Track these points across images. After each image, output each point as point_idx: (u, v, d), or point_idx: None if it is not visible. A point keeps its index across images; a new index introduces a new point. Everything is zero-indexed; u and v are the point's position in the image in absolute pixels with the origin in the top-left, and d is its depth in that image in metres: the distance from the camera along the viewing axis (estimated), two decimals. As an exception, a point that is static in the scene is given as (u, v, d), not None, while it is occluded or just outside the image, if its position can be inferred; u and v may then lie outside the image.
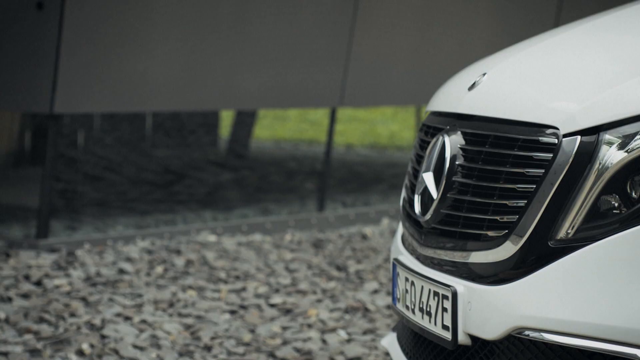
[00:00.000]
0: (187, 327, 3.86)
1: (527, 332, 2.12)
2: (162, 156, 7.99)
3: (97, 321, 3.79)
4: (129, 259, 4.78)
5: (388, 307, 4.18)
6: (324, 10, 5.86)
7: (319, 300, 4.29)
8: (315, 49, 5.85)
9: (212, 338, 3.75)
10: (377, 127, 11.27)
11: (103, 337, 3.67)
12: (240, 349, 3.65)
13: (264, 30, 5.63)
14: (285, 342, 3.74)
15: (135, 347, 3.59)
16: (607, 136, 2.08)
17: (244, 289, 4.42)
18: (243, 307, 4.17)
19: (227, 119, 8.81)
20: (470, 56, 5.45)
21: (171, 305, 4.12)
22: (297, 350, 3.66)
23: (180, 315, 4.00)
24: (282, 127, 10.85)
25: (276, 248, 5.25)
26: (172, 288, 4.32)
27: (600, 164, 2.07)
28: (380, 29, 6.09)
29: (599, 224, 2.06)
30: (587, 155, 2.09)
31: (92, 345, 3.57)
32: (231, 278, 4.59)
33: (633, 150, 2.04)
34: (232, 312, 4.09)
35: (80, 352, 3.52)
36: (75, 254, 4.81)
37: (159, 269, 4.63)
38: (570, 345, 2.06)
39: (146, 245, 5.08)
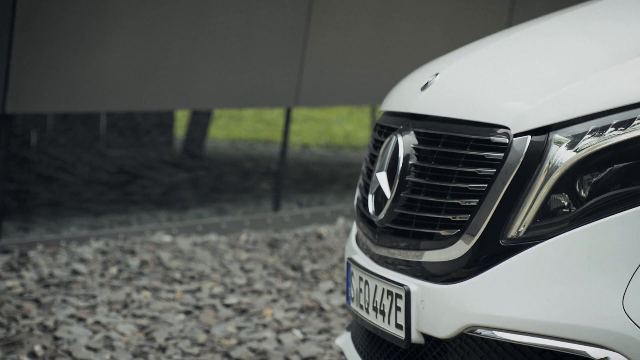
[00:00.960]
0: (142, 328, 3.83)
1: (479, 330, 2.13)
2: (117, 156, 7.94)
3: (50, 323, 3.76)
4: (82, 260, 4.74)
5: (343, 306, 4.19)
6: (279, 10, 5.85)
7: (274, 300, 4.29)
8: (270, 49, 5.85)
9: (167, 339, 3.73)
10: (332, 127, 11.29)
11: (56, 338, 3.64)
12: (195, 350, 3.64)
13: (219, 30, 5.61)
14: (240, 342, 3.73)
15: (89, 348, 3.57)
16: (556, 136, 2.10)
17: (199, 290, 4.40)
18: (198, 307, 4.16)
19: (182, 119, 8.78)
20: (425, 56, 5.48)
21: (125, 306, 4.09)
22: (252, 350, 3.66)
23: (134, 316, 3.98)
24: (237, 127, 10.83)
25: (231, 248, 5.24)
26: (126, 289, 4.29)
27: (550, 163, 2.09)
28: (335, 29, 6.11)
29: (549, 223, 2.08)
30: (537, 154, 2.11)
31: (44, 347, 3.54)
32: (186, 278, 4.57)
33: (582, 149, 2.06)
34: (187, 313, 4.07)
35: (32, 354, 3.49)
36: (27, 255, 4.76)
37: (113, 270, 4.60)
38: (521, 343, 2.07)
39: (100, 246, 5.04)
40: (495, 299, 2.10)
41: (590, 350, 1.99)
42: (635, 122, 2.03)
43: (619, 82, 2.10)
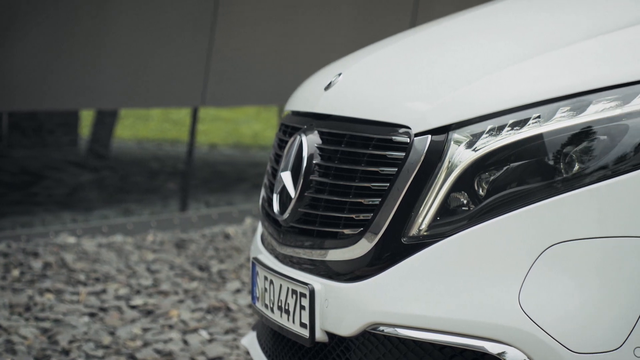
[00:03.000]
0: (45, 331, 3.77)
1: (381, 328, 2.15)
2: (19, 156, 7.79)
3: (-51, 327, 3.67)
4: (-17, 263, 4.64)
5: (250, 306, 4.19)
6: (185, 9, 5.82)
7: (181, 301, 4.26)
8: (176, 48, 5.81)
9: (70, 342, 3.68)
10: (240, 126, 11.27)
11: (-45, 343, 3.56)
12: (100, 352, 3.59)
13: (124, 29, 5.55)
14: (145, 344, 3.70)
15: (-10, 353, 3.50)
16: (456, 135, 2.13)
17: (104, 291, 4.35)
18: (103, 309, 4.11)
19: (87, 118, 8.66)
20: (332, 56, 5.51)
21: (28, 309, 4.02)
22: (158, 351, 3.63)
23: (37, 319, 3.91)
24: (144, 127, 10.72)
25: (138, 249, 5.19)
26: (28, 291, 4.22)
27: (449, 162, 2.13)
28: (241, 28, 6.09)
29: (449, 221, 2.11)
30: (437, 153, 2.14)
31: (-57, 353, 3.46)
32: (91, 280, 4.51)
33: (479, 148, 2.10)
34: (92, 315, 4.02)
35: None
36: None
37: (15, 272, 4.51)
38: (422, 339, 2.10)
39: (2, 248, 4.94)
40: (397, 296, 2.13)
41: (488, 346, 2.03)
42: (530, 121, 2.08)
43: (515, 82, 2.15)
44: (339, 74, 2.53)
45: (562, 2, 2.59)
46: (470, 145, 2.11)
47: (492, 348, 2.03)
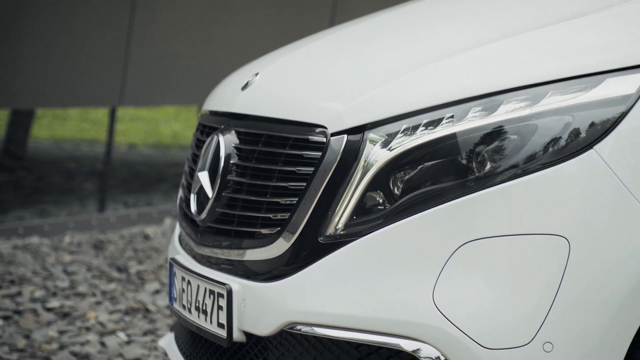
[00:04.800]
0: (-43, 335, 3.70)
1: (298, 327, 2.16)
2: None
3: None
4: None
5: (168, 307, 4.17)
6: (102, 8, 5.75)
7: (99, 303, 4.22)
8: (93, 46, 5.74)
9: (-16, 345, 3.61)
10: (160, 126, 11.18)
11: None
12: (14, 356, 3.54)
13: (40, 27, 5.47)
14: (62, 347, 3.65)
15: None
16: (371, 135, 2.15)
17: (19, 294, 4.28)
18: (18, 312, 4.04)
19: (2, 118, 8.49)
20: (251, 55, 5.50)
21: (-60, 313, 3.94)
22: (75, 354, 3.59)
23: (-51, 323, 3.83)
24: (61, 127, 10.57)
25: (54, 251, 5.12)
26: (-59, 295, 4.13)
27: (365, 161, 2.14)
28: (160, 27, 6.05)
29: (365, 220, 2.13)
30: (353, 153, 2.16)
31: None
32: (5, 282, 4.43)
33: (394, 148, 2.12)
34: (6, 318, 3.95)
35: None
36: None
37: None
38: (338, 338, 2.11)
39: None
40: (314, 295, 2.14)
41: (403, 343, 2.05)
42: (444, 121, 2.10)
43: (430, 82, 2.17)
44: (256, 74, 2.53)
45: (478, 3, 2.63)
46: (385, 144, 2.13)
47: (407, 345, 2.05)
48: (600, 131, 2.05)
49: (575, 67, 2.09)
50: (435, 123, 2.10)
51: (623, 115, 2.05)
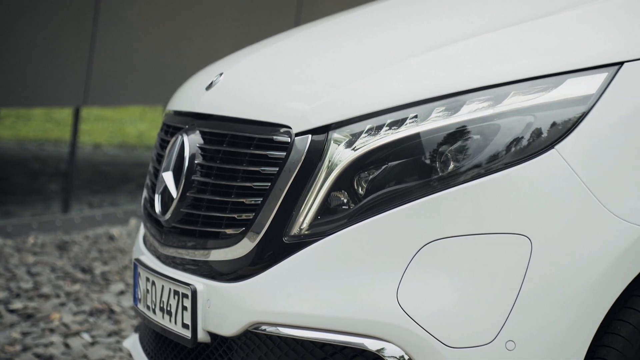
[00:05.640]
0: None
1: (263, 327, 2.16)
2: None
3: None
4: None
5: (132, 308, 4.15)
6: (65, 7, 5.71)
7: (63, 304, 4.19)
8: (57, 45, 5.70)
9: (-53, 348, 3.58)
10: (125, 126, 11.13)
11: None
12: (-23, 358, 3.51)
13: (3, 27, 5.42)
14: (25, 349, 3.63)
15: None
16: (335, 135, 2.15)
17: (-19, 296, 4.24)
18: (-19, 314, 4.01)
19: (-35, 118, 8.41)
20: (217, 55, 5.49)
21: None
22: (38, 356, 3.56)
23: None
24: (25, 127, 10.49)
25: (18, 252, 5.08)
26: None
27: (329, 161, 2.15)
28: (124, 27, 6.02)
29: (330, 220, 2.13)
30: (318, 153, 2.16)
31: None
32: (-32, 284, 4.40)
33: (358, 148, 2.13)
34: (-31, 320, 3.92)
35: None
36: None
37: None
38: (303, 338, 2.12)
39: None
40: (279, 295, 2.14)
41: (368, 343, 2.06)
42: (408, 121, 2.11)
43: (394, 82, 2.18)
44: (221, 74, 2.53)
45: (442, 4, 2.64)
46: (349, 144, 2.13)
47: (372, 345, 2.05)
48: (562, 131, 2.06)
49: (537, 68, 2.10)
50: (399, 123, 2.11)
51: (584, 115, 2.07)
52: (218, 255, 2.31)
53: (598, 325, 2.04)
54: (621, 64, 2.09)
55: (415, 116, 2.10)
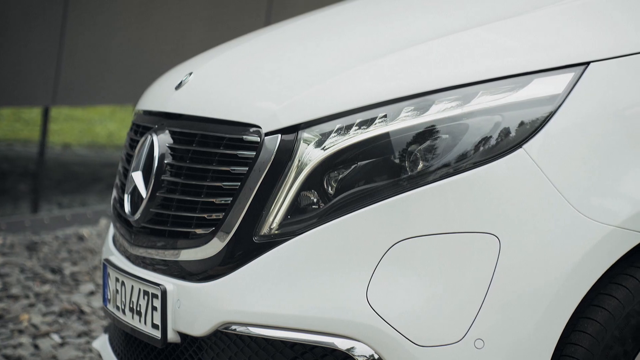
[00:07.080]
0: None
1: (233, 327, 2.16)
2: None
3: None
4: None
5: (102, 308, 4.13)
6: (34, 5, 5.68)
7: (32, 305, 4.16)
8: (25, 45, 5.66)
9: None
10: (94, 126, 11.08)
11: None
12: (-55, 360, 3.48)
13: (-31, 25, 5.38)
14: (-6, 350, 3.60)
15: None
16: (305, 134, 2.16)
17: (-50, 297, 4.21)
18: (-51, 315, 3.98)
19: None
20: (187, 54, 5.48)
21: None
22: (7, 357, 3.54)
23: None
24: (-7, 127, 10.41)
25: (-14, 252, 5.04)
26: None
27: (299, 161, 2.15)
28: (93, 26, 5.99)
29: (300, 219, 2.13)
30: (287, 153, 2.16)
31: None
32: (-64, 285, 4.36)
33: (328, 147, 2.13)
34: (-63, 322, 3.89)
35: None
36: None
37: None
38: (273, 337, 2.12)
39: None
40: (249, 295, 2.14)
41: (338, 342, 2.06)
42: (377, 121, 2.12)
43: (363, 82, 2.19)
44: (190, 73, 2.53)
45: (409, 4, 2.65)
46: (319, 144, 2.14)
47: (342, 344, 2.06)
48: (529, 130, 2.08)
49: (504, 67, 2.12)
50: (368, 122, 2.12)
51: (551, 115, 2.09)
52: (188, 255, 2.30)
53: (565, 323, 2.05)
54: (587, 64, 2.11)
55: (385, 116, 2.11)
